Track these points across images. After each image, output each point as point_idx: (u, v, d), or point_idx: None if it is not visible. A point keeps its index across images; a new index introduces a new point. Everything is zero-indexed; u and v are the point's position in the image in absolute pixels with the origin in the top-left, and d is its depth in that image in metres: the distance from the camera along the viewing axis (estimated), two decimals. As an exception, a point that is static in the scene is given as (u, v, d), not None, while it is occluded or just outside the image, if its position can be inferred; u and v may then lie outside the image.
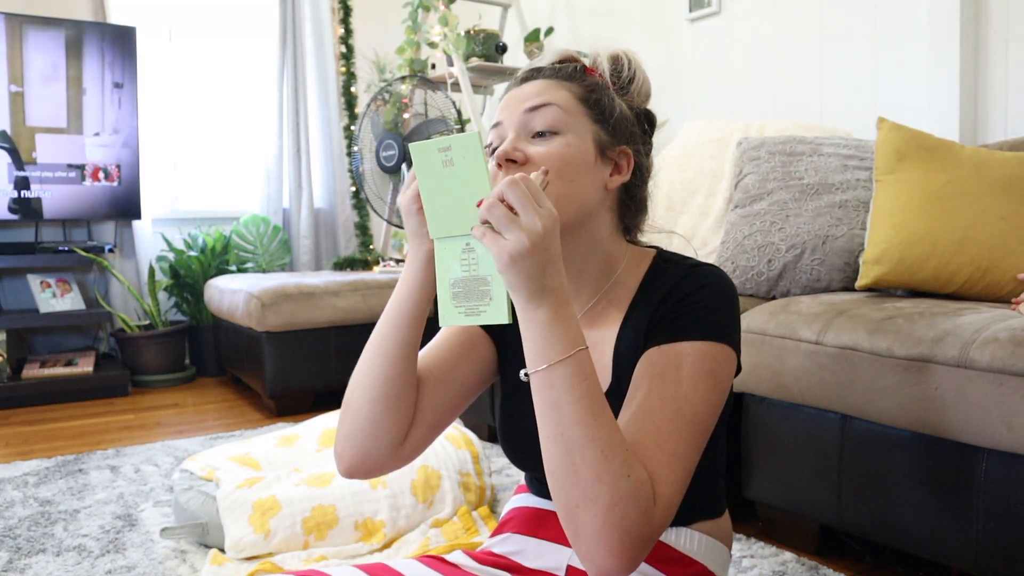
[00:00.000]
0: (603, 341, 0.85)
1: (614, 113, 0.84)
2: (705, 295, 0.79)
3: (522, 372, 0.70)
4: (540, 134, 0.80)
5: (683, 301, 0.78)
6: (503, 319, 0.69)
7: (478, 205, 0.67)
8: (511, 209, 0.65)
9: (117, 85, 3.31)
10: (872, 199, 1.72)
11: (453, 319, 0.71)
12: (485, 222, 0.66)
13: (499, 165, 0.80)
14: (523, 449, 0.90)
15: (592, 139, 0.82)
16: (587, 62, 0.88)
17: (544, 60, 0.89)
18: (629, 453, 0.68)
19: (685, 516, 0.85)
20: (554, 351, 0.67)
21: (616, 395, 0.81)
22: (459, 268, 0.70)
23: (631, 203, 0.88)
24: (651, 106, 0.93)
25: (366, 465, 0.81)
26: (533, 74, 0.86)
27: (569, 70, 0.86)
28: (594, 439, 0.66)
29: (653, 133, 0.92)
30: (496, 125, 0.84)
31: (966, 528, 1.23)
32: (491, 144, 0.84)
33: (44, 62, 3.15)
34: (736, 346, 0.79)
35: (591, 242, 0.84)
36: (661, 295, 0.80)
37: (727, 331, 0.78)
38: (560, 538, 0.86)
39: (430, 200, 0.70)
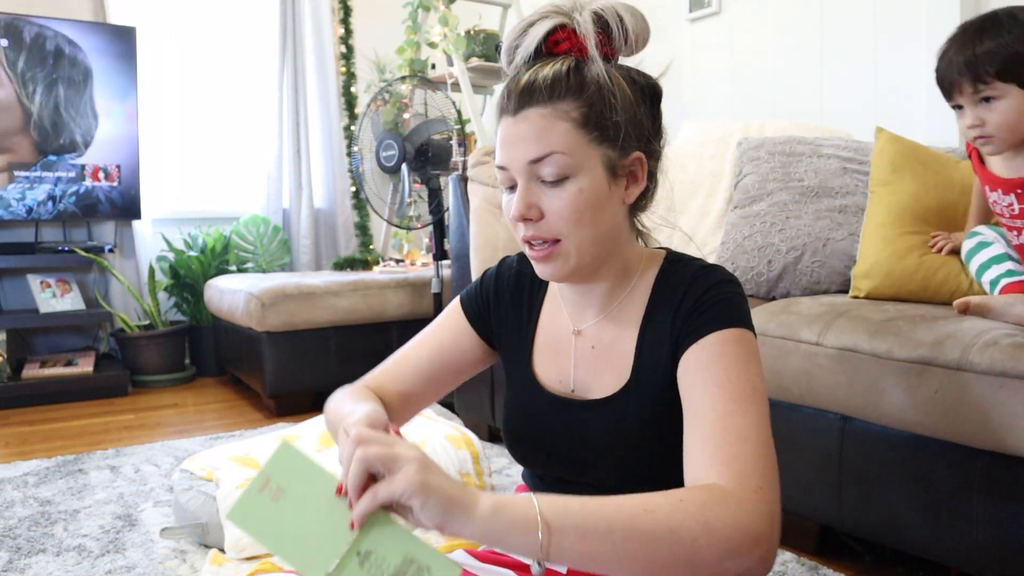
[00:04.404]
0: (622, 339, 0.85)
1: (619, 121, 0.79)
2: (723, 290, 0.80)
3: (535, 570, 0.66)
4: (549, 182, 0.79)
5: (703, 297, 0.80)
6: (455, 572, 0.61)
7: (339, 492, 0.62)
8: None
9: (117, 85, 3.31)
10: (867, 209, 1.73)
11: None
12: (362, 492, 0.61)
13: (516, 221, 0.80)
14: (527, 446, 0.91)
15: (602, 165, 0.79)
16: (572, 28, 0.80)
17: (532, 43, 0.80)
18: (676, 498, 0.66)
19: None
20: (530, 524, 0.62)
21: (634, 392, 0.82)
22: None
23: (641, 198, 0.86)
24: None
25: None
26: (527, 99, 0.78)
27: (562, 80, 0.78)
28: (658, 538, 0.63)
29: (659, 104, 0.86)
30: (502, 168, 0.81)
31: (966, 529, 1.23)
32: (503, 184, 0.83)
33: (45, 61, 3.15)
34: (755, 332, 0.82)
35: (611, 254, 0.84)
36: (680, 295, 0.81)
37: (749, 319, 0.81)
38: None
39: (289, 548, 0.60)
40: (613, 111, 0.79)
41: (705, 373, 0.76)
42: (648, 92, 0.84)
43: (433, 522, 0.61)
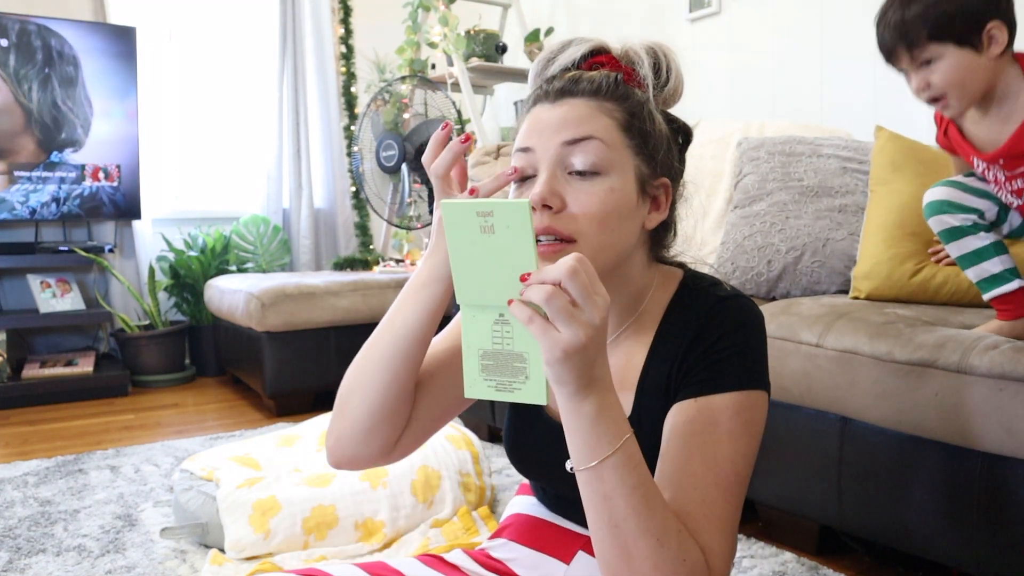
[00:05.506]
0: (627, 367, 0.81)
1: (657, 141, 0.77)
2: (738, 338, 0.75)
3: (568, 464, 0.66)
4: (580, 172, 0.72)
5: (716, 345, 0.74)
6: (540, 400, 0.63)
7: (523, 279, 0.59)
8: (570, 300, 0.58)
9: (117, 85, 3.31)
10: (866, 209, 1.73)
11: (481, 392, 0.64)
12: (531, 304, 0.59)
13: (533, 208, 0.73)
14: (530, 460, 0.88)
15: (634, 176, 0.75)
16: (618, 56, 0.79)
17: (574, 53, 0.79)
18: (683, 534, 0.66)
19: None
20: (603, 444, 0.63)
21: (635, 424, 0.77)
22: (490, 340, 0.63)
23: (664, 232, 0.82)
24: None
25: (355, 464, 0.82)
26: (570, 89, 0.75)
27: (610, 84, 0.76)
28: (649, 529, 0.63)
29: (687, 149, 0.84)
30: (525, 150, 0.75)
31: (966, 529, 1.23)
32: (516, 170, 0.76)
33: (35, 56, 3.15)
34: (769, 385, 0.77)
35: (621, 280, 0.79)
36: (692, 334, 0.75)
37: (761, 374, 0.76)
38: (557, 552, 0.86)
39: (460, 263, 0.62)
40: (653, 126, 0.77)
41: (695, 440, 0.71)
42: (680, 132, 0.83)
43: (547, 364, 0.60)
